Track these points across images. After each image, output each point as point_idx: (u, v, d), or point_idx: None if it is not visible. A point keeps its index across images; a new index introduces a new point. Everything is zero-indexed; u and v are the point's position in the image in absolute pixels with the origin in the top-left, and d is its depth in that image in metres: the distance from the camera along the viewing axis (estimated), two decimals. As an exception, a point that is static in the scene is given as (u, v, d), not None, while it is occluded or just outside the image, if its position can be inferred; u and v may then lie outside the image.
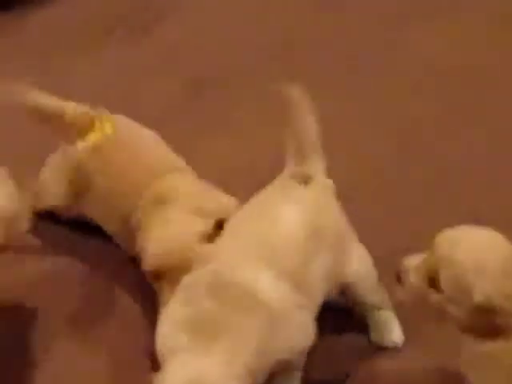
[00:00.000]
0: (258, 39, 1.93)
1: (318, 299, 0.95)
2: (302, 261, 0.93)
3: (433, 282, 0.81)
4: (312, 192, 1.02)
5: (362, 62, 1.80)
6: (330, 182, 1.08)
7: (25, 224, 1.11)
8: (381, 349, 1.11)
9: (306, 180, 1.03)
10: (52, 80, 1.76)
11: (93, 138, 1.25)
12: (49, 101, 1.27)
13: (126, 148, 1.26)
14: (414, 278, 0.85)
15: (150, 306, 1.18)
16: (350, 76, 1.76)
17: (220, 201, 1.19)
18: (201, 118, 1.67)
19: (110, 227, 1.26)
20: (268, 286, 0.89)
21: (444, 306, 0.81)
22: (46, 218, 1.35)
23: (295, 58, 1.85)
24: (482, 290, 0.76)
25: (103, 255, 1.33)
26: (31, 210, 1.19)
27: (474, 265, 0.79)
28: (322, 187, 1.05)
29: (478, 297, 0.76)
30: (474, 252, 0.81)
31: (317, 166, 1.06)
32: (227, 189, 1.24)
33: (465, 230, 0.86)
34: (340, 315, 1.13)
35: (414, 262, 0.86)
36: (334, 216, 1.03)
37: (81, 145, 1.25)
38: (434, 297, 0.82)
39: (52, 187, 1.33)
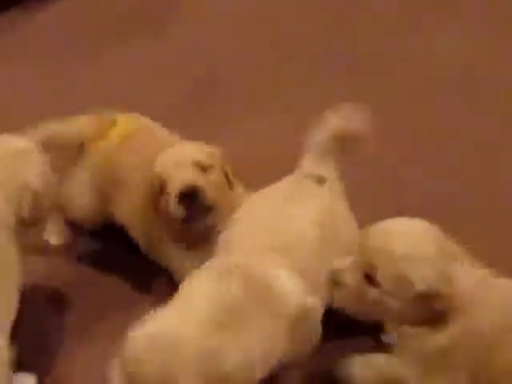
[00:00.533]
0: (267, 41, 1.98)
1: (326, 300, 0.94)
2: (315, 261, 0.94)
3: (369, 278, 0.80)
4: (327, 193, 1.05)
5: (363, 69, 1.85)
6: (340, 185, 1.11)
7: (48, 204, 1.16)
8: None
9: (320, 181, 1.06)
10: (62, 81, 1.84)
11: (117, 134, 1.29)
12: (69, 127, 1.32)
13: (152, 138, 1.29)
14: (349, 279, 0.83)
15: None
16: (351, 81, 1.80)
17: None
18: (212, 119, 1.70)
19: (139, 225, 1.24)
20: (289, 286, 0.89)
21: (383, 300, 0.79)
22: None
23: (302, 62, 1.91)
24: (422, 278, 0.77)
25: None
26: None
27: (410, 253, 0.78)
28: (335, 190, 1.08)
29: (419, 285, 0.77)
30: (406, 241, 0.80)
31: (331, 170, 1.09)
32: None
33: (392, 221, 0.85)
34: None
35: (346, 263, 0.85)
36: (346, 218, 1.05)
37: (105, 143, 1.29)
38: (373, 292, 0.80)
39: (78, 200, 1.34)
